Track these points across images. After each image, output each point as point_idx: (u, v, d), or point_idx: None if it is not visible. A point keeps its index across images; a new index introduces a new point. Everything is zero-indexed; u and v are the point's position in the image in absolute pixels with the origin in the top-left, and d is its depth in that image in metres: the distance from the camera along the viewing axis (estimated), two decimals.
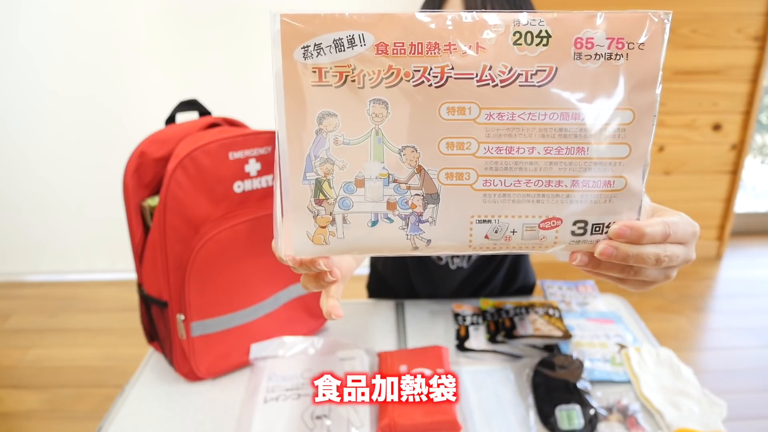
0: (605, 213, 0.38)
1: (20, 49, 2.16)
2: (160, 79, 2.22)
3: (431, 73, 0.34)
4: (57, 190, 2.39)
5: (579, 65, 0.35)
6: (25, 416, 1.74)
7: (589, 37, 0.35)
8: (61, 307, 2.31)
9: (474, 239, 0.38)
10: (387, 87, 0.35)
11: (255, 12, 2.14)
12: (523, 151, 0.36)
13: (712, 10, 2.21)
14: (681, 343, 2.06)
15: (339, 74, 0.35)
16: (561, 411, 0.75)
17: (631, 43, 0.35)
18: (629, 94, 0.35)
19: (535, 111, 0.35)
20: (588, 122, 0.35)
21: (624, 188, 0.37)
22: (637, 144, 0.36)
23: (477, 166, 0.36)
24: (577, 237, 0.38)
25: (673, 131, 2.40)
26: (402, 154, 0.36)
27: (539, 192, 0.36)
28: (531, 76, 0.35)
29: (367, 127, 0.35)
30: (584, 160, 0.36)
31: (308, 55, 0.34)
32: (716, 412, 0.75)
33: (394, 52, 0.34)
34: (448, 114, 0.35)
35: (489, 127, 0.35)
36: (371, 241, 0.37)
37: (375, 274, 1.19)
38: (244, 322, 0.85)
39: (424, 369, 0.80)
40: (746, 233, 2.82)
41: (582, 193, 0.37)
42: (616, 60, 0.35)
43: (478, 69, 0.35)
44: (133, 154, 0.80)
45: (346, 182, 0.36)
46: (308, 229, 0.37)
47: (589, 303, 1.01)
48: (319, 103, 0.35)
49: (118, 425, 0.77)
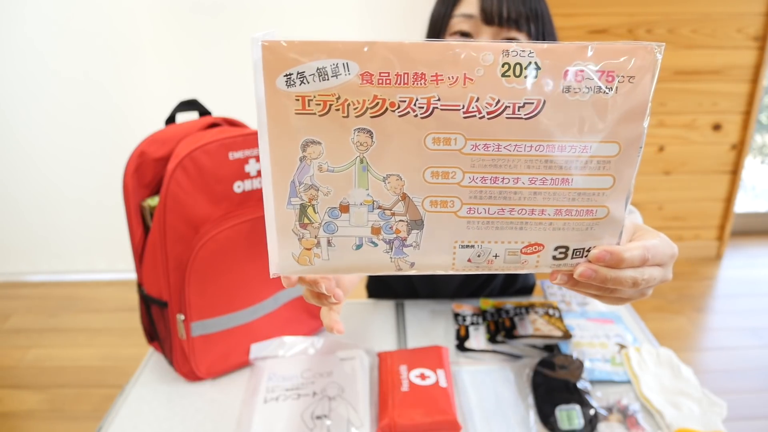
0: (586, 239, 0.38)
1: (20, 49, 2.16)
2: (160, 79, 2.22)
3: (417, 104, 0.34)
4: (57, 190, 2.39)
5: (568, 98, 0.34)
6: (25, 416, 1.74)
7: (580, 69, 0.34)
8: (61, 307, 2.31)
9: (457, 262, 0.38)
10: (372, 117, 0.34)
11: (255, 12, 2.14)
12: (508, 181, 0.36)
13: (712, 10, 2.21)
14: (681, 343, 2.06)
15: (323, 103, 0.34)
16: (561, 411, 0.75)
17: (621, 76, 0.34)
18: (616, 126, 0.35)
19: (521, 143, 0.35)
20: (573, 154, 0.35)
21: (606, 216, 0.37)
22: (621, 176, 0.36)
23: (461, 194, 0.36)
24: (558, 261, 0.39)
25: (673, 131, 2.40)
26: (386, 182, 0.36)
27: (522, 220, 0.37)
28: (518, 108, 0.34)
29: (351, 155, 0.35)
30: (568, 191, 0.36)
31: (291, 84, 0.34)
32: (716, 412, 0.75)
33: (379, 82, 0.34)
34: (433, 144, 0.35)
35: (474, 157, 0.35)
36: (356, 262, 0.38)
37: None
38: (244, 322, 0.85)
39: (424, 369, 0.80)
40: (746, 233, 2.82)
41: (564, 221, 0.37)
42: (605, 93, 0.34)
43: (465, 100, 0.34)
44: (133, 154, 0.80)
45: (330, 207, 0.37)
46: (293, 250, 0.38)
47: (589, 303, 1.01)
48: (303, 131, 0.35)
49: (118, 425, 0.77)
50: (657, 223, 2.58)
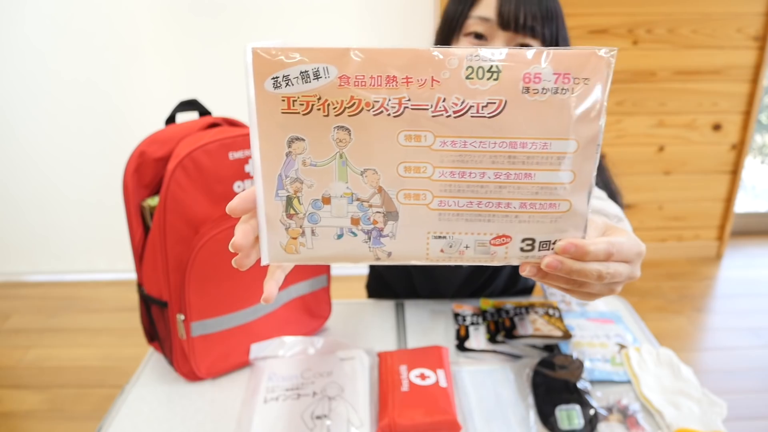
0: (552, 232, 0.40)
1: (20, 49, 2.16)
2: (159, 80, 2.22)
3: (390, 104, 0.37)
4: (57, 190, 2.39)
5: (527, 99, 0.37)
6: (25, 416, 1.74)
7: (537, 72, 0.37)
8: (61, 307, 2.31)
9: (431, 252, 0.41)
10: (349, 116, 0.38)
11: (255, 12, 2.14)
12: (475, 176, 0.39)
13: (712, 10, 2.21)
14: (681, 343, 2.06)
15: (306, 103, 0.38)
16: (561, 411, 0.75)
17: (576, 78, 0.37)
18: (574, 125, 0.38)
19: (486, 140, 0.38)
20: (535, 151, 0.38)
21: (569, 210, 0.40)
22: (581, 171, 0.39)
23: (432, 188, 0.39)
24: (526, 253, 0.41)
25: (673, 131, 2.40)
26: (364, 176, 0.39)
27: (490, 212, 0.39)
28: (482, 108, 0.37)
29: (331, 151, 0.39)
30: (531, 185, 0.39)
31: (278, 86, 0.37)
32: (716, 412, 0.75)
33: (355, 84, 0.37)
34: (405, 141, 0.38)
35: (443, 153, 0.38)
36: (337, 251, 0.41)
37: (374, 273, 1.19)
38: (244, 322, 0.85)
39: (424, 369, 0.80)
40: (746, 233, 2.82)
41: (529, 214, 0.40)
42: (562, 94, 0.37)
43: (433, 101, 0.37)
44: (133, 154, 0.80)
45: (313, 199, 0.40)
46: (281, 240, 0.41)
47: (589, 303, 1.01)
48: (289, 128, 0.38)
49: (118, 425, 0.77)
50: (657, 223, 2.58)
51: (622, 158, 2.42)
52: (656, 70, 2.29)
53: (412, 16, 2.18)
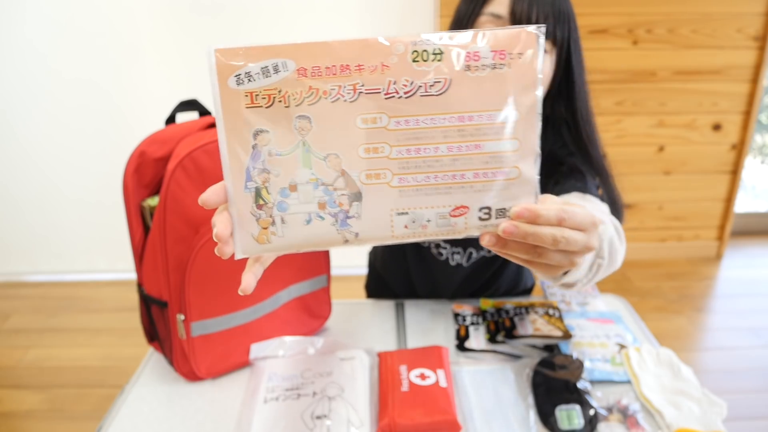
0: (506, 199, 0.43)
1: (20, 49, 2.16)
2: (159, 80, 2.22)
3: (345, 90, 0.40)
4: (57, 190, 2.39)
5: (469, 75, 0.41)
6: (25, 416, 1.74)
7: (476, 51, 0.40)
8: (61, 307, 2.31)
9: (395, 229, 0.43)
10: (309, 105, 0.40)
11: (255, 12, 2.14)
12: (429, 151, 0.41)
13: (712, 10, 2.21)
14: (681, 343, 2.06)
15: (268, 96, 0.40)
16: (561, 411, 0.75)
17: (510, 54, 0.41)
18: (514, 96, 0.41)
19: (436, 116, 0.41)
20: (481, 122, 0.41)
21: (518, 177, 0.42)
22: (525, 138, 0.42)
23: (391, 166, 0.41)
24: (484, 222, 0.43)
25: (673, 131, 2.40)
26: (327, 161, 0.41)
27: (446, 185, 0.42)
28: (429, 87, 0.40)
29: (295, 140, 0.41)
30: (481, 155, 0.41)
31: (240, 82, 0.40)
32: (716, 412, 0.75)
33: (312, 74, 0.40)
34: (363, 124, 0.41)
35: (398, 132, 0.41)
36: (308, 237, 0.43)
37: (374, 273, 1.19)
38: (244, 322, 0.85)
39: (424, 369, 0.80)
40: (746, 233, 2.82)
41: (483, 183, 0.42)
42: (500, 69, 0.41)
43: (384, 84, 0.40)
44: (133, 154, 0.80)
45: (281, 188, 0.42)
46: (252, 231, 0.42)
47: (589, 303, 1.01)
48: (253, 122, 0.41)
49: (118, 425, 0.77)
50: (657, 223, 2.58)
51: (622, 158, 2.42)
52: (656, 70, 2.29)
53: (412, 16, 2.19)
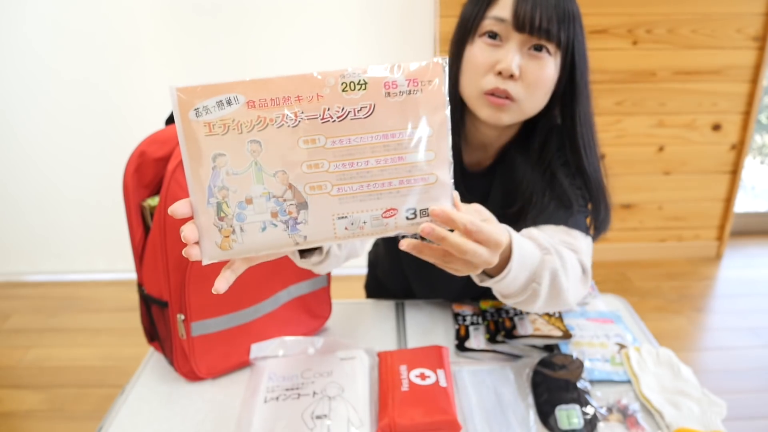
0: (427, 201, 0.51)
1: (20, 49, 2.16)
2: (160, 80, 2.22)
3: (288, 118, 0.48)
4: (57, 190, 2.39)
5: (390, 101, 0.49)
6: (25, 416, 1.74)
7: (394, 80, 0.48)
8: (61, 307, 2.31)
9: (337, 231, 0.50)
10: (259, 131, 0.48)
11: (255, 12, 2.14)
12: (361, 164, 0.49)
13: (712, 11, 2.21)
14: (680, 343, 2.06)
15: (223, 125, 0.47)
16: (561, 411, 0.75)
17: (422, 81, 0.49)
18: (427, 116, 0.49)
19: (365, 135, 0.49)
20: (402, 138, 0.49)
21: (436, 182, 0.50)
22: (439, 150, 0.50)
23: (330, 178, 0.49)
24: (411, 221, 0.51)
25: (672, 131, 2.40)
26: (276, 177, 0.48)
27: (377, 192, 0.49)
28: (357, 111, 0.48)
29: (248, 160, 0.48)
30: (404, 165, 0.49)
31: (199, 114, 0.47)
32: (716, 412, 0.75)
33: (260, 105, 0.47)
34: (304, 144, 0.48)
35: (334, 150, 0.49)
36: (264, 242, 0.50)
37: (373, 275, 1.19)
38: (244, 322, 0.85)
39: (424, 369, 0.80)
40: (746, 233, 2.83)
41: (407, 188, 0.50)
42: (414, 94, 0.49)
43: (320, 111, 0.48)
44: (133, 154, 0.80)
45: (239, 201, 0.48)
46: (216, 239, 0.49)
47: (589, 303, 1.01)
48: (212, 147, 0.47)
49: (119, 425, 0.77)
50: (657, 223, 2.58)
51: (622, 158, 2.42)
52: (656, 70, 2.29)
53: (412, 16, 2.19)
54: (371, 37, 2.23)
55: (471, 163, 0.89)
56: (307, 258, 0.66)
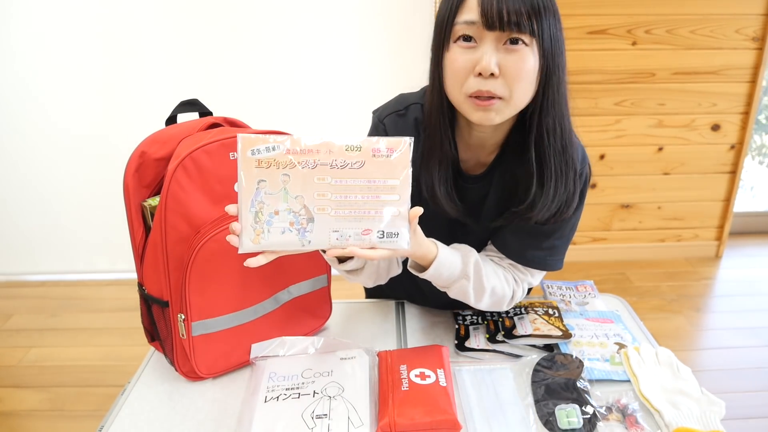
0: (392, 226, 0.70)
1: (20, 49, 2.17)
2: (160, 79, 2.22)
3: (309, 163, 0.67)
4: (57, 191, 2.39)
5: (375, 159, 0.68)
6: (26, 416, 1.75)
7: (378, 147, 0.68)
8: (62, 307, 2.31)
9: (331, 240, 0.69)
10: (290, 169, 0.67)
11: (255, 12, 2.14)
12: (352, 198, 0.68)
13: (711, 11, 2.21)
14: (680, 343, 2.06)
15: (268, 162, 0.66)
16: (560, 410, 0.76)
17: (396, 149, 0.68)
18: (397, 171, 0.69)
19: (357, 179, 0.68)
20: (380, 185, 0.69)
21: (399, 215, 0.69)
22: (403, 194, 0.69)
23: (331, 204, 0.68)
24: (380, 239, 0.70)
25: (672, 131, 2.41)
26: (296, 199, 0.67)
27: (360, 217, 0.69)
28: (353, 164, 0.68)
29: (280, 186, 0.67)
30: (380, 201, 0.69)
31: (254, 153, 0.66)
32: (715, 412, 0.76)
33: (293, 153, 0.67)
34: (317, 180, 0.67)
35: (337, 186, 0.68)
36: (282, 242, 0.68)
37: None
38: (245, 321, 0.85)
39: (424, 368, 0.80)
40: (745, 233, 2.83)
41: (380, 217, 0.69)
42: (390, 156, 0.69)
43: (330, 161, 0.67)
44: (134, 154, 0.80)
45: (270, 212, 0.67)
46: (251, 236, 0.67)
47: (589, 303, 1.02)
48: (258, 175, 0.66)
49: (119, 424, 0.77)
50: (656, 223, 2.58)
51: (622, 158, 2.42)
52: (655, 70, 2.30)
53: (412, 16, 2.19)
54: (371, 37, 2.23)
55: (471, 163, 0.89)
56: (343, 264, 0.82)
